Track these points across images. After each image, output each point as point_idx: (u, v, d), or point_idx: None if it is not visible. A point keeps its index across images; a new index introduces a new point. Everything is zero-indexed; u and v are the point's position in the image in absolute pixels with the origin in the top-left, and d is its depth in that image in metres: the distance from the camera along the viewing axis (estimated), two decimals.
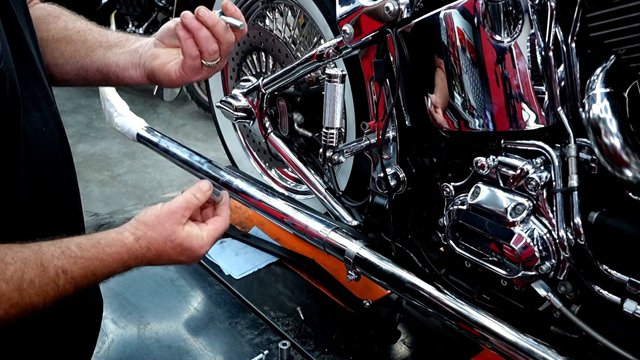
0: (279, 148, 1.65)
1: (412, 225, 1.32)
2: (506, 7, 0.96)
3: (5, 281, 0.77)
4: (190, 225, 0.98)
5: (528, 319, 1.13)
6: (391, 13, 1.12)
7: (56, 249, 0.84)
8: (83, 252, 0.86)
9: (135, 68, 1.10)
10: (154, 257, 0.94)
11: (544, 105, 0.98)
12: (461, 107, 1.08)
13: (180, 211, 0.97)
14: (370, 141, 1.30)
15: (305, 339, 1.45)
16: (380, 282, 1.31)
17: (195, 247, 0.97)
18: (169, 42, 1.08)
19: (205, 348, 1.42)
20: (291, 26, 1.70)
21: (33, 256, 0.81)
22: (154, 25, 4.86)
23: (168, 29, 1.07)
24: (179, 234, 0.95)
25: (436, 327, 1.49)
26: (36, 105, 0.95)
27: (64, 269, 0.83)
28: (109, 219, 2.07)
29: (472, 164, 1.10)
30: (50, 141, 0.98)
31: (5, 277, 0.77)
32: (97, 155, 4.05)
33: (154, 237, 0.94)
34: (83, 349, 1.17)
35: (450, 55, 1.06)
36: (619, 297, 0.96)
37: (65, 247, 0.85)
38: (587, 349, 1.05)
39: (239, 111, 1.65)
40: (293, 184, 1.89)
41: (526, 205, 1.03)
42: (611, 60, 0.91)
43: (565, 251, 0.99)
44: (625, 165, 0.88)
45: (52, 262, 0.82)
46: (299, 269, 1.73)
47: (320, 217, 1.47)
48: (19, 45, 0.91)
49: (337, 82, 1.23)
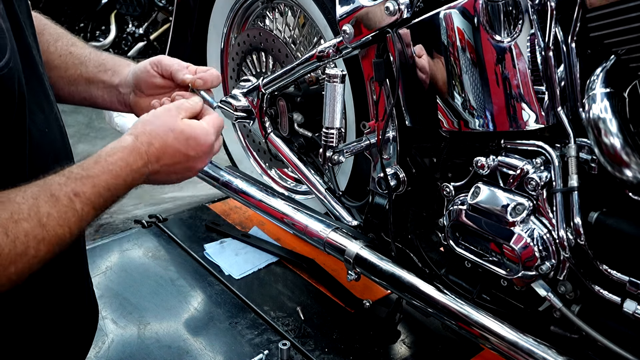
0: (279, 148, 1.65)
1: (412, 225, 1.32)
2: (506, 7, 0.96)
3: (25, 219, 0.76)
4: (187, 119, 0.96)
5: (528, 319, 1.13)
6: (391, 13, 1.12)
7: (61, 177, 0.83)
8: (87, 171, 0.84)
9: (122, 104, 1.12)
10: (159, 152, 0.91)
11: (544, 105, 0.98)
12: (461, 107, 1.08)
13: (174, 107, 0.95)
14: (370, 141, 1.30)
15: (305, 339, 1.45)
16: (380, 282, 1.31)
17: (200, 134, 0.94)
18: (147, 90, 1.09)
19: (205, 348, 1.42)
20: (291, 26, 1.70)
21: (41, 190, 0.80)
22: (154, 25, 4.86)
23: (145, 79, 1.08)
24: (178, 123, 0.93)
25: (436, 327, 1.49)
26: (39, 107, 0.95)
27: (76, 192, 0.81)
28: (109, 219, 2.08)
29: (472, 164, 1.10)
30: (53, 142, 0.98)
31: (23, 215, 0.76)
32: None
33: (153, 129, 0.91)
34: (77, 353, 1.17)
35: (450, 55, 1.06)
36: (619, 297, 0.96)
37: (69, 172, 0.84)
38: (587, 349, 1.05)
39: (239, 111, 1.65)
40: (293, 184, 1.89)
41: (526, 205, 1.03)
42: (611, 60, 0.91)
43: (565, 251, 0.99)
44: (625, 165, 0.88)
45: (62, 189, 0.81)
46: (299, 269, 1.73)
47: (320, 217, 1.47)
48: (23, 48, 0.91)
49: (337, 82, 1.23)
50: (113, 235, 1.91)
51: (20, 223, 0.76)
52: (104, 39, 4.92)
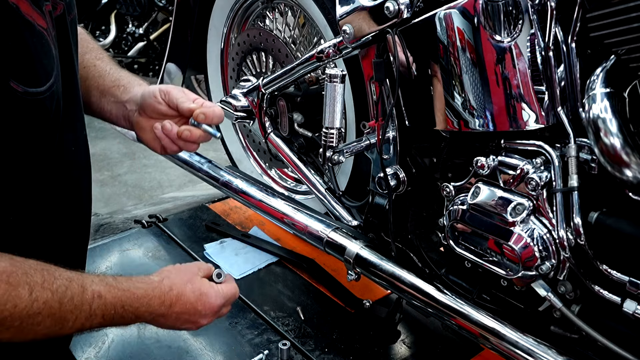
0: (279, 148, 1.65)
1: (412, 225, 1.32)
2: (506, 7, 0.96)
3: (52, 291, 0.83)
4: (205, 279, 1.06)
5: (528, 319, 1.13)
6: (391, 13, 1.12)
7: (95, 276, 0.92)
8: (118, 283, 0.93)
9: (126, 121, 1.18)
10: (175, 299, 0.99)
11: (544, 105, 0.98)
12: (461, 107, 1.08)
13: (195, 266, 1.07)
14: (370, 141, 1.30)
15: (305, 339, 1.45)
16: (380, 282, 1.31)
17: (212, 295, 1.03)
18: (151, 114, 1.14)
19: (205, 348, 1.42)
20: (291, 26, 1.70)
21: (76, 277, 0.88)
22: (154, 25, 4.86)
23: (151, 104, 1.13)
24: (197, 280, 1.04)
25: (436, 327, 1.49)
26: (72, 127, 1.02)
27: (100, 294, 0.90)
28: (109, 219, 2.07)
29: (472, 164, 1.10)
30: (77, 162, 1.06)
31: (52, 287, 0.84)
32: (97, 155, 4.04)
33: (176, 279, 1.01)
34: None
35: (450, 55, 1.06)
36: (619, 297, 0.96)
37: (104, 276, 0.93)
38: (587, 349, 1.05)
39: (239, 111, 1.65)
40: (293, 184, 1.89)
41: (526, 205, 1.03)
42: (611, 60, 0.91)
43: (565, 251, 0.99)
44: (625, 165, 0.88)
45: (92, 285, 0.89)
46: (299, 269, 1.73)
47: (320, 217, 1.47)
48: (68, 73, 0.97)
49: (337, 82, 1.23)
50: (113, 235, 1.91)
51: (46, 291, 0.83)
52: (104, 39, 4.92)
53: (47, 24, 0.87)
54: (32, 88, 0.82)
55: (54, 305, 0.83)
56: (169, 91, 1.12)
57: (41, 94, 0.84)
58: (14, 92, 0.80)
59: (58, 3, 0.95)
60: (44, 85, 0.84)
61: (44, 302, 0.82)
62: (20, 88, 0.80)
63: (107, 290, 0.91)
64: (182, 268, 1.05)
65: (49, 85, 0.85)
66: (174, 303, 0.99)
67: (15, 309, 0.79)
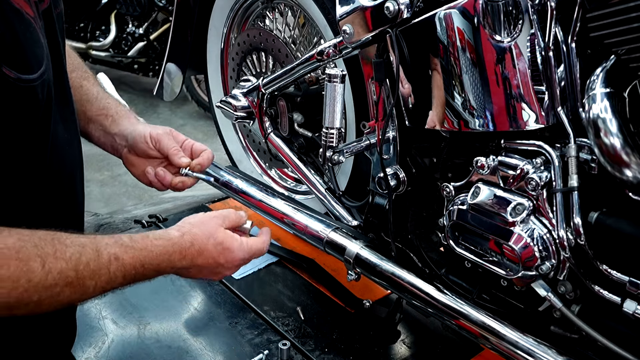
0: (279, 148, 1.65)
1: (412, 225, 1.32)
2: (506, 7, 0.96)
3: (65, 260, 0.82)
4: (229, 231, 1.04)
5: (528, 319, 1.13)
6: (391, 13, 1.12)
7: (109, 238, 0.90)
8: (133, 243, 0.92)
9: (114, 150, 1.23)
10: (197, 254, 0.99)
11: (544, 105, 0.98)
12: (461, 107, 1.08)
13: (220, 217, 1.05)
14: (370, 141, 1.30)
15: (305, 339, 1.45)
16: (380, 282, 1.31)
17: (234, 248, 1.02)
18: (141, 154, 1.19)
19: (205, 348, 1.42)
20: (291, 26, 1.70)
21: (89, 242, 0.87)
22: (154, 25, 4.86)
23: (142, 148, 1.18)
24: (220, 232, 1.02)
25: (436, 327, 1.48)
26: (64, 124, 1.02)
27: (117, 256, 0.88)
28: (109, 219, 2.07)
29: (472, 164, 1.10)
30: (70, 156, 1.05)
31: (65, 256, 0.82)
32: (97, 155, 4.01)
33: (197, 233, 0.99)
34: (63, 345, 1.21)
35: (450, 55, 1.06)
36: (619, 297, 0.96)
37: (118, 237, 0.92)
38: (587, 349, 1.05)
39: (239, 111, 1.65)
40: (293, 184, 1.89)
41: (526, 205, 1.03)
42: (611, 60, 0.91)
43: (565, 251, 0.99)
44: (625, 165, 0.88)
45: (106, 249, 0.88)
46: (299, 269, 1.73)
47: (320, 217, 1.46)
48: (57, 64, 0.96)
49: (337, 82, 1.23)
50: None
51: (59, 261, 0.82)
52: (104, 39, 4.92)
53: (34, 13, 0.86)
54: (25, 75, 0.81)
55: (70, 274, 0.82)
56: (160, 139, 1.17)
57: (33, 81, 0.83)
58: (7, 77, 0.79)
59: None
60: (35, 72, 0.83)
61: (58, 272, 0.81)
62: (13, 74, 0.79)
63: (124, 251, 0.89)
64: (205, 220, 1.03)
65: (40, 72, 0.85)
66: (195, 257, 0.99)
67: (29, 284, 0.78)
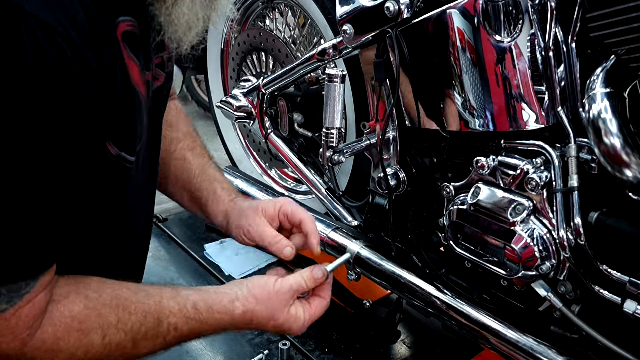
0: (279, 148, 1.65)
1: (412, 225, 1.32)
2: (506, 7, 0.96)
3: (125, 332, 0.82)
4: (295, 306, 1.00)
5: (528, 319, 1.13)
6: (391, 13, 1.12)
7: (175, 304, 0.88)
8: (197, 315, 0.90)
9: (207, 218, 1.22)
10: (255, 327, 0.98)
11: (544, 105, 0.98)
12: (461, 107, 1.08)
13: (289, 294, 1.00)
14: (370, 141, 1.30)
15: (305, 339, 1.45)
16: (380, 282, 1.31)
17: (294, 329, 1.00)
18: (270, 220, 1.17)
19: (205, 348, 1.42)
20: (291, 26, 1.70)
21: (153, 309, 0.85)
22: None
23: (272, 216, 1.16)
24: (283, 315, 0.98)
25: (436, 327, 1.48)
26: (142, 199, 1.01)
27: (176, 327, 0.88)
28: None
29: (472, 164, 1.10)
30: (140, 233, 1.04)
31: (126, 328, 0.82)
32: None
33: (260, 312, 0.96)
34: None
35: (450, 55, 1.06)
36: (619, 297, 0.96)
37: (183, 305, 0.89)
38: (587, 349, 1.05)
39: (239, 111, 1.65)
40: (293, 184, 1.89)
41: (526, 205, 1.03)
42: (611, 60, 0.91)
43: (565, 251, 0.99)
44: (625, 165, 0.88)
45: (168, 318, 0.87)
46: (298, 268, 1.73)
47: (320, 217, 1.46)
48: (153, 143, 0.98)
49: (337, 82, 1.23)
50: None
51: (120, 333, 0.81)
52: None
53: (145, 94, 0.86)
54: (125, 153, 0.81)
55: (127, 345, 0.83)
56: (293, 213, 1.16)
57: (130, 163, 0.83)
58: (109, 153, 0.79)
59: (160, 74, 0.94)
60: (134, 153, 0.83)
61: (116, 344, 0.81)
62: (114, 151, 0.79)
63: (184, 322, 0.88)
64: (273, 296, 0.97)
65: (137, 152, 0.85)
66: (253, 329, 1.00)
67: (86, 355, 0.78)
